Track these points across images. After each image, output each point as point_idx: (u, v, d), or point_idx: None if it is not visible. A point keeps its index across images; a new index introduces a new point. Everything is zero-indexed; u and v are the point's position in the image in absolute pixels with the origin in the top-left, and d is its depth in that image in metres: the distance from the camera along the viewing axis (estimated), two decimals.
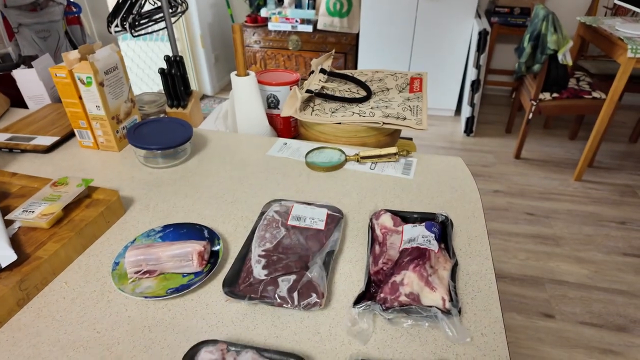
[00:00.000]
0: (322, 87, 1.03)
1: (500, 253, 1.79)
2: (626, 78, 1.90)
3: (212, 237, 0.63)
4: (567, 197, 2.10)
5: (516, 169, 2.35)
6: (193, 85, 3.22)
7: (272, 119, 1.10)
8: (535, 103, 2.18)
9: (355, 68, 2.94)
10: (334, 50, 1.12)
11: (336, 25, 2.83)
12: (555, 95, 2.17)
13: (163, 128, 0.86)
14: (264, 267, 0.56)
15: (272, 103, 1.08)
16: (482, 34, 2.30)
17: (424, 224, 0.60)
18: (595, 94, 2.14)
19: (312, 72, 1.09)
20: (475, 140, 2.64)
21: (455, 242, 0.65)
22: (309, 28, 2.87)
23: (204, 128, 1.05)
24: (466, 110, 2.59)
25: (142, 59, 2.92)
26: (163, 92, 1.09)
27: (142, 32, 1.37)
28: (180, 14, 1.50)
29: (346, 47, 2.88)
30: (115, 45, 0.88)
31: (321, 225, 0.65)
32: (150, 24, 1.39)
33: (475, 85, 2.45)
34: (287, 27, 2.90)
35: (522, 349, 1.40)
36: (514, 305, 1.55)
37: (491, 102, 3.17)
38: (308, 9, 2.98)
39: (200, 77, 3.23)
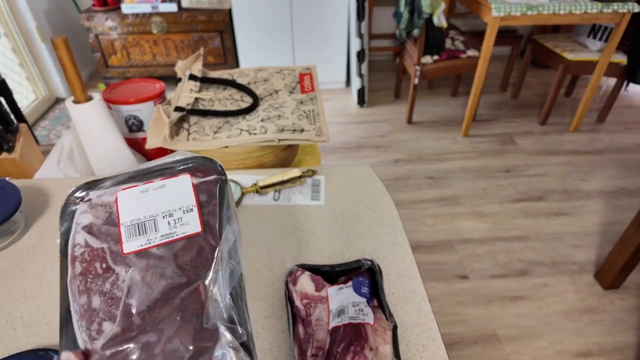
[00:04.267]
0: (196, 100, 0.84)
1: (410, 222, 1.82)
2: (494, 36, 1.99)
3: None
4: (459, 155, 2.22)
5: (410, 134, 2.40)
6: (41, 89, 2.66)
7: (138, 145, 0.88)
8: (419, 68, 2.21)
9: (235, 46, 2.69)
10: (202, 50, 0.92)
11: (204, 1, 2.52)
12: (435, 57, 2.22)
13: None
14: None
15: (133, 126, 0.86)
16: (360, 1, 2.22)
17: (350, 283, 0.49)
18: (470, 53, 2.23)
19: (180, 79, 0.88)
20: (368, 110, 2.63)
21: (386, 284, 0.55)
22: (172, 7, 2.52)
23: (45, 176, 0.80)
24: (356, 82, 2.55)
25: None
26: None
27: None
28: None
29: (220, 24, 2.60)
30: None
31: (194, 223, 0.33)
32: None
33: (361, 55, 2.40)
34: (146, 8, 2.50)
35: (446, 316, 1.44)
36: (432, 273, 1.59)
37: (376, 68, 3.19)
38: None
39: (47, 77, 2.68)
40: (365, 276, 0.50)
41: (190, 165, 0.37)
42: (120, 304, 0.31)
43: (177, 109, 0.77)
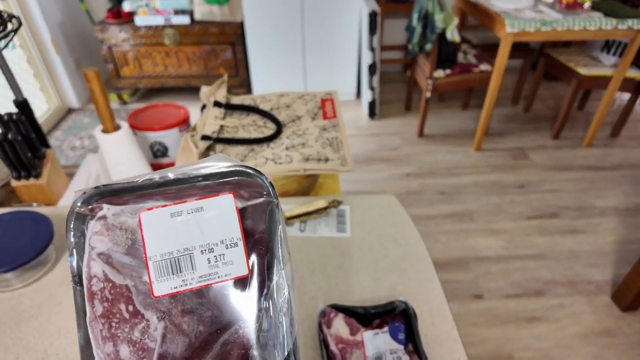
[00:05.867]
0: (221, 127, 0.84)
1: (424, 239, 1.81)
2: (508, 51, 1.99)
3: None
4: (471, 169, 2.21)
5: (421, 147, 2.39)
6: (54, 100, 2.69)
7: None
8: (431, 82, 2.21)
9: (246, 58, 2.71)
10: (226, 76, 0.93)
11: (216, 13, 2.54)
12: (448, 71, 2.22)
13: (6, 231, 0.61)
14: None
15: (158, 152, 0.87)
16: (372, 16, 2.23)
17: (386, 328, 0.48)
18: (482, 67, 2.23)
19: (204, 106, 0.89)
20: (379, 123, 2.63)
21: (418, 325, 0.55)
22: (185, 19, 2.54)
23: (70, 202, 0.80)
24: (367, 94, 2.55)
25: None
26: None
27: None
28: (10, 35, 1.14)
29: (232, 37, 2.62)
30: None
31: (240, 263, 0.28)
32: None
33: (372, 68, 2.41)
34: (159, 20, 2.53)
35: (462, 337, 1.43)
36: (447, 293, 1.56)
37: (386, 79, 3.20)
38: None
39: (60, 88, 2.71)
40: (400, 320, 0.50)
41: (232, 178, 0.29)
42: (153, 356, 0.27)
43: (204, 138, 0.77)
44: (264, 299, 0.29)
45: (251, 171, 0.30)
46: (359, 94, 2.91)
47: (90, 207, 0.29)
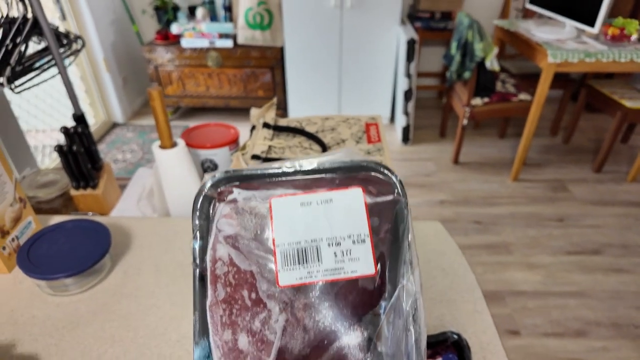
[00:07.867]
0: (270, 148, 0.87)
1: None
2: (549, 82, 1.97)
3: None
4: (508, 200, 2.15)
5: (456, 174, 2.36)
6: (101, 114, 2.84)
7: None
8: (468, 109, 2.20)
9: (284, 82, 2.79)
10: (275, 99, 0.96)
11: (258, 38, 2.64)
12: (485, 100, 2.20)
13: (68, 238, 0.65)
14: None
15: (208, 168, 0.90)
16: (410, 44, 2.26)
17: (440, 359, 0.48)
18: (522, 96, 2.21)
19: (254, 127, 0.92)
20: (413, 148, 2.62)
21: None
22: (229, 43, 2.65)
23: (122, 212, 0.84)
24: (401, 119, 2.56)
25: (47, 92, 2.46)
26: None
27: (28, 85, 1.09)
28: (75, 54, 1.23)
29: (271, 61, 2.71)
30: None
31: (366, 260, 0.27)
32: (36, 72, 1.12)
33: (408, 94, 2.43)
34: (204, 43, 2.65)
35: None
36: None
37: (420, 105, 3.20)
38: (225, 22, 2.75)
39: (108, 104, 2.86)
40: (453, 352, 0.49)
41: (360, 173, 0.28)
42: (271, 350, 0.25)
43: (254, 157, 0.80)
44: (389, 303, 0.27)
45: (380, 167, 0.29)
46: (392, 118, 2.92)
47: (219, 190, 0.28)
